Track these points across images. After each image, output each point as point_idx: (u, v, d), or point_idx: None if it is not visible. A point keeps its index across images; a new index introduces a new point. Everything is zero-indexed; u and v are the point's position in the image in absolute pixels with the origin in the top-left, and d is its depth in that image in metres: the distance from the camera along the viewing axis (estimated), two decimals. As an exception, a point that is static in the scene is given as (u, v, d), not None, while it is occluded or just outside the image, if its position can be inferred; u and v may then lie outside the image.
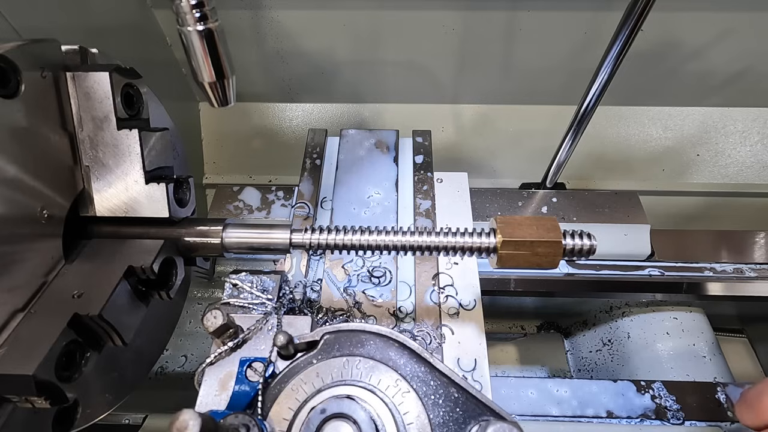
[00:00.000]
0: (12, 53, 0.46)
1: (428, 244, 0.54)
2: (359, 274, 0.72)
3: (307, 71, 1.32)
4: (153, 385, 0.99)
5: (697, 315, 1.12)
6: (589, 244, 0.53)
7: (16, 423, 0.47)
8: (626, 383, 0.86)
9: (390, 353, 0.50)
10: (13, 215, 0.46)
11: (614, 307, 1.19)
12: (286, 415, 0.46)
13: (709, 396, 0.84)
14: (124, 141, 0.54)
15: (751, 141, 1.39)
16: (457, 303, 0.70)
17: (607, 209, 1.14)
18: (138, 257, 0.53)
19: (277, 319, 0.56)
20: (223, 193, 1.12)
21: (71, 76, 0.52)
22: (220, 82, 0.54)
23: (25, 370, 0.41)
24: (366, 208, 0.81)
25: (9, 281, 0.46)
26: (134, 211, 0.56)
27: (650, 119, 1.40)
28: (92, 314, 0.47)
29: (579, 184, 1.40)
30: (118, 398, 0.59)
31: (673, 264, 1.07)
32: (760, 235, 1.26)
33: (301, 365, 0.49)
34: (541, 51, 1.25)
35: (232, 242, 0.59)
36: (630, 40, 0.86)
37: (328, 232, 0.56)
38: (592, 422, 0.82)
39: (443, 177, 0.87)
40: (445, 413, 0.46)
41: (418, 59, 1.29)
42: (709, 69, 1.28)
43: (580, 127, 1.04)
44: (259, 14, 1.19)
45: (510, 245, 0.52)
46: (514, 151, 1.43)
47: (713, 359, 1.05)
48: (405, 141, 0.94)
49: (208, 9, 0.50)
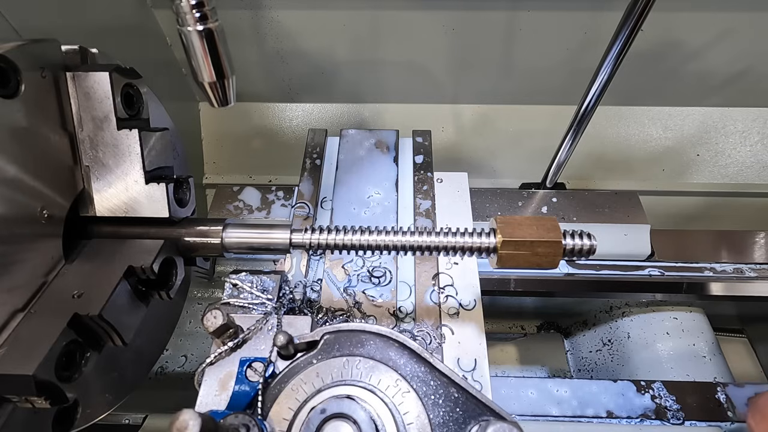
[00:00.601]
0: (12, 53, 0.46)
1: (428, 244, 0.54)
2: (359, 274, 0.72)
3: (307, 71, 1.33)
4: (153, 385, 0.99)
5: (697, 315, 1.12)
6: (589, 244, 0.53)
7: (16, 423, 0.47)
8: (626, 383, 0.86)
9: (390, 353, 0.50)
10: (13, 215, 0.46)
11: (614, 307, 1.19)
12: (286, 415, 0.46)
13: (709, 396, 0.84)
14: (124, 141, 0.54)
15: (751, 141, 1.39)
16: (457, 303, 0.70)
17: (607, 209, 1.14)
18: (138, 257, 0.53)
19: (277, 319, 0.56)
20: (223, 193, 1.12)
21: (71, 76, 0.52)
22: (220, 82, 0.54)
23: (25, 370, 0.41)
24: (366, 208, 0.81)
25: (9, 281, 0.46)
26: (134, 211, 0.56)
27: (650, 119, 1.40)
28: (92, 314, 0.47)
29: (579, 184, 1.40)
30: (118, 398, 0.60)
31: (673, 264, 1.07)
32: (760, 235, 1.26)
33: (301, 365, 0.49)
34: (541, 51, 1.25)
35: (232, 242, 0.59)
36: (630, 40, 0.86)
37: (328, 232, 0.56)
38: (592, 422, 0.82)
39: (443, 177, 0.87)
40: (445, 413, 0.46)
41: (418, 59, 1.29)
42: (709, 69, 1.28)
43: (580, 127, 1.04)
44: (259, 14, 1.19)
45: (510, 245, 0.53)
46: (514, 151, 1.43)
47: (713, 359, 1.05)
48: (405, 141, 0.94)
49: (208, 9, 0.50)
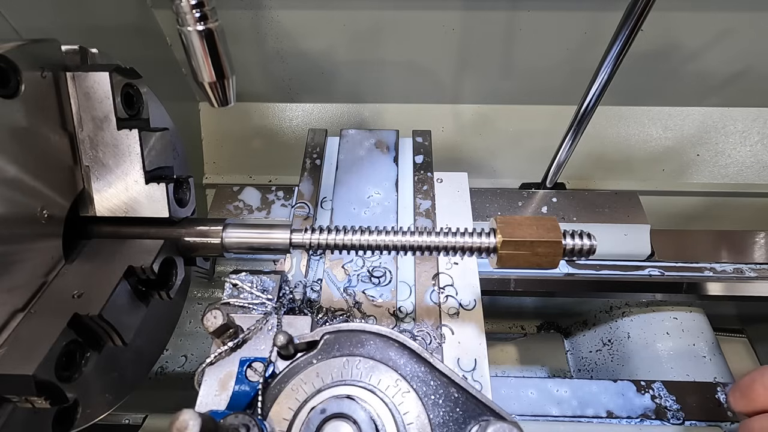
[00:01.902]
0: (12, 53, 0.45)
1: (428, 244, 0.54)
2: (359, 274, 0.72)
3: (307, 71, 1.32)
4: (153, 385, 0.99)
5: (697, 315, 1.12)
6: (589, 244, 0.53)
7: (16, 423, 0.47)
8: (626, 383, 0.86)
9: (390, 353, 0.50)
10: (13, 215, 0.46)
11: (614, 307, 1.19)
12: (286, 415, 0.46)
13: (709, 396, 0.84)
14: (124, 141, 0.54)
15: (751, 141, 1.39)
16: (457, 303, 0.70)
17: (607, 209, 1.14)
18: (138, 257, 0.53)
19: (277, 319, 0.56)
20: (223, 193, 1.12)
21: (71, 76, 0.52)
22: (220, 82, 0.54)
23: (25, 370, 0.41)
24: (366, 208, 0.81)
25: (9, 281, 0.46)
26: (134, 211, 0.56)
27: (650, 119, 1.40)
28: (92, 314, 0.47)
29: (579, 184, 1.40)
30: (118, 398, 0.59)
31: (673, 264, 1.07)
32: (760, 235, 1.26)
33: (301, 365, 0.49)
34: (541, 51, 1.25)
35: (232, 242, 0.59)
36: (630, 40, 0.86)
37: (328, 232, 0.56)
38: (592, 422, 0.82)
39: (443, 177, 0.87)
40: (445, 413, 0.46)
41: (418, 59, 1.29)
42: (709, 69, 1.28)
43: (580, 127, 1.04)
44: (259, 14, 1.19)
45: (510, 245, 0.52)
46: (514, 151, 1.42)
47: (713, 359, 1.05)
48: (405, 141, 0.94)
49: (208, 9, 0.50)
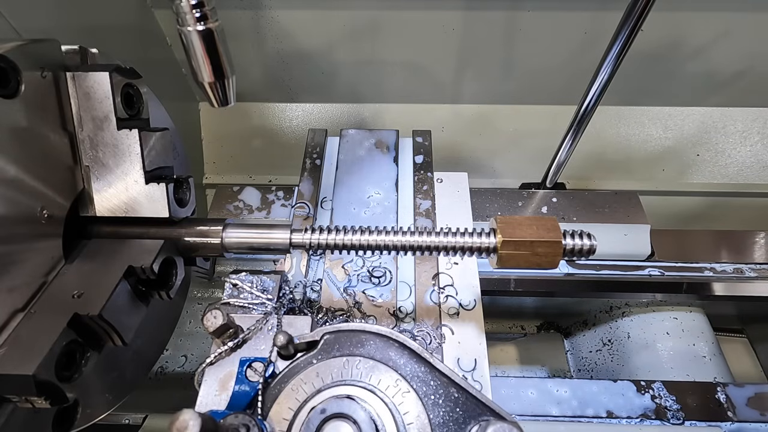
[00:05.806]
0: (12, 53, 0.46)
1: (428, 244, 0.54)
2: (359, 274, 0.72)
3: (307, 71, 1.33)
4: (153, 385, 0.99)
5: (697, 315, 1.12)
6: (589, 244, 0.53)
7: (16, 423, 0.47)
8: (626, 383, 0.86)
9: (390, 353, 0.50)
10: (13, 215, 0.46)
11: (614, 307, 1.19)
12: (286, 415, 0.46)
13: (709, 396, 0.84)
14: (124, 141, 0.54)
15: (751, 141, 1.39)
16: (457, 303, 0.69)
17: (607, 209, 1.14)
18: (138, 257, 0.53)
19: (277, 319, 0.56)
20: (223, 193, 1.12)
21: (71, 76, 0.52)
22: (220, 82, 0.54)
23: (25, 370, 0.41)
24: (366, 208, 0.81)
25: (9, 281, 0.46)
26: (134, 211, 0.56)
27: (650, 119, 1.40)
28: (92, 314, 0.47)
29: (579, 184, 1.40)
30: (118, 398, 0.59)
31: (673, 264, 1.07)
32: (760, 235, 1.26)
33: (301, 365, 0.49)
34: (541, 51, 1.25)
35: (232, 242, 0.59)
36: (630, 40, 0.86)
37: (328, 232, 0.56)
38: (592, 422, 0.82)
39: (443, 177, 0.87)
40: (445, 413, 0.46)
41: (418, 59, 1.29)
42: (709, 69, 1.28)
43: (580, 127, 1.04)
44: (259, 14, 1.19)
45: (510, 245, 0.53)
46: (514, 151, 1.43)
47: (713, 359, 1.05)
48: (405, 141, 0.94)
49: (208, 9, 0.50)
